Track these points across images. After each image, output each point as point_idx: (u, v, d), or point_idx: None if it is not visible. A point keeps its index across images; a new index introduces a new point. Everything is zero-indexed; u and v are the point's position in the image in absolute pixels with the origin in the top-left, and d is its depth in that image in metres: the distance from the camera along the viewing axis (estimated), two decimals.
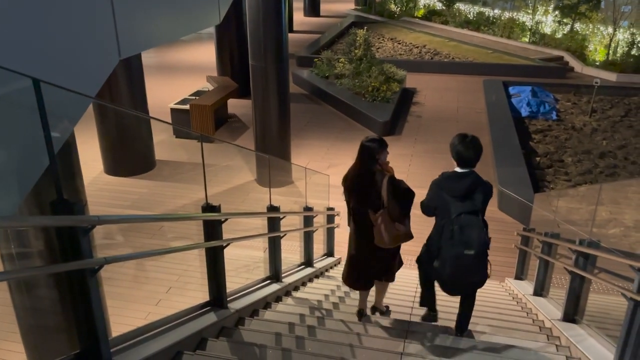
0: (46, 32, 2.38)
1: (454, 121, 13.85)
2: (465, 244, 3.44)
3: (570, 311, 4.43)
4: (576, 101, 15.52)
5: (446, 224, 3.51)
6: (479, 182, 3.55)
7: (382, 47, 22.48)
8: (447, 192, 3.54)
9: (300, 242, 6.55)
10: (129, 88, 9.71)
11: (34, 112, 2.08)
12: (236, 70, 14.98)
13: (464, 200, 3.49)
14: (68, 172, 3.59)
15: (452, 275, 3.59)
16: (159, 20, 3.60)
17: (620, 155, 11.39)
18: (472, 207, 3.48)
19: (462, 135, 3.55)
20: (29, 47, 2.29)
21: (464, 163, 3.54)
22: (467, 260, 3.46)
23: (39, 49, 2.35)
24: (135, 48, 3.31)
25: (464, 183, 3.51)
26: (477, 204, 3.50)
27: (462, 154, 3.51)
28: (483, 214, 3.56)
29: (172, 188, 9.74)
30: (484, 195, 3.54)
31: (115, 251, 2.52)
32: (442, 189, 3.58)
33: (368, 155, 3.81)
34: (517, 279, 6.87)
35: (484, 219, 3.55)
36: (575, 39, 20.95)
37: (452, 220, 3.46)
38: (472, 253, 3.45)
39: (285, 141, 9.94)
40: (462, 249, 3.44)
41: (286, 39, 9.14)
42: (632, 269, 3.11)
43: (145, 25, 3.37)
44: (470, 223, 3.45)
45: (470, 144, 3.49)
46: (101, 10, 2.83)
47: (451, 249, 3.48)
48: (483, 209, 3.56)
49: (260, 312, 4.37)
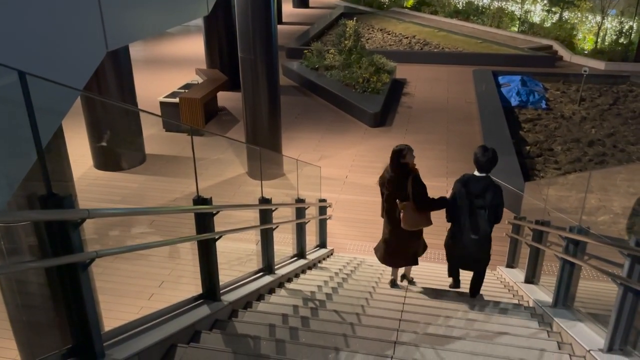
0: (30, 24, 2.35)
1: (444, 111, 13.88)
2: (472, 231, 4.63)
3: (560, 297, 4.47)
4: (565, 90, 15.60)
5: (462, 214, 4.67)
6: (492, 184, 4.61)
7: (372, 38, 22.42)
8: (467, 189, 4.63)
9: (293, 234, 6.56)
10: (117, 82, 9.62)
11: (20, 106, 2.05)
12: (225, 63, 14.88)
13: (478, 197, 4.58)
14: (57, 166, 3.56)
15: (465, 250, 4.82)
16: (147, 12, 3.56)
17: (609, 143, 11.48)
18: (482, 203, 4.59)
19: (484, 148, 4.59)
20: (13, 40, 2.25)
21: (482, 169, 4.62)
22: (473, 242, 4.68)
23: (23, 41, 2.32)
24: (122, 40, 3.27)
25: (480, 184, 4.59)
26: (487, 201, 4.57)
27: (481, 163, 4.58)
28: (493, 209, 4.60)
29: (163, 182, 9.69)
30: (493, 194, 4.57)
31: (106, 246, 2.50)
32: (464, 186, 4.66)
33: (397, 157, 4.76)
34: (509, 267, 6.92)
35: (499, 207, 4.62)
36: (564, 27, 21.01)
37: (468, 212, 4.61)
38: (477, 238, 4.65)
39: (276, 133, 9.91)
40: (469, 234, 4.65)
41: (275, 30, 9.08)
42: (621, 254, 3.14)
43: (132, 17, 3.33)
44: (481, 214, 4.59)
45: (490, 157, 4.54)
46: (87, 1, 2.79)
47: (463, 234, 4.70)
48: (493, 204, 4.58)
49: (253, 304, 4.38)
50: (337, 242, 8.04)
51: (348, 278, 5.99)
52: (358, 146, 11.59)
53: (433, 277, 6.41)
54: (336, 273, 6.20)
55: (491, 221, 4.65)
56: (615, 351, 3.25)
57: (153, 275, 6.64)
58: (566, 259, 4.32)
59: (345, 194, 9.44)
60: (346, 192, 9.49)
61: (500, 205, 4.65)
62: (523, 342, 3.76)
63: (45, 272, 2.79)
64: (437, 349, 3.43)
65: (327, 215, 7.83)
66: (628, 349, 3.21)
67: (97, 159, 9.91)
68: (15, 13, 2.23)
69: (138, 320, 3.05)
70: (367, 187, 9.60)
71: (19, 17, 2.25)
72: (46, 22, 2.45)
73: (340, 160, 10.84)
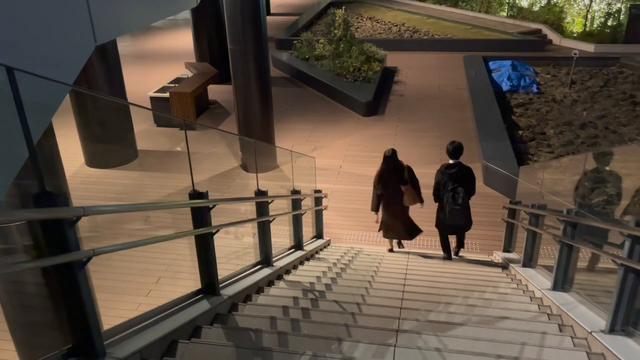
0: (17, 19, 2.28)
1: (436, 98, 13.86)
2: (454, 202, 6.00)
3: (559, 280, 4.48)
4: (556, 73, 15.60)
5: (444, 193, 6.10)
6: (462, 166, 6.07)
7: (361, 26, 22.30)
8: (444, 176, 6.09)
9: (290, 225, 6.53)
10: (106, 78, 9.49)
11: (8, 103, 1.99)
12: (215, 56, 14.75)
13: (454, 179, 6.03)
14: (49, 164, 3.50)
15: (449, 220, 6.19)
16: (135, 4, 3.49)
17: (601, 125, 11.51)
18: (459, 183, 6.03)
19: (452, 142, 6.08)
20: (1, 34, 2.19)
21: (452, 157, 6.06)
22: (457, 211, 6.03)
23: (10, 36, 2.25)
24: (111, 33, 3.20)
25: (453, 170, 6.03)
26: (461, 179, 6.03)
27: (450, 153, 6.06)
28: (468, 184, 6.06)
29: (156, 178, 9.62)
30: (465, 173, 6.06)
31: (101, 243, 2.46)
32: (443, 173, 6.10)
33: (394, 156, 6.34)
34: (505, 252, 6.94)
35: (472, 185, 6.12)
36: (553, 11, 21.03)
37: (448, 191, 6.05)
38: (459, 207, 6.00)
39: (268, 125, 9.85)
40: (453, 205, 6.01)
41: (265, 20, 8.99)
42: (622, 235, 3.14)
43: (120, 9, 3.26)
44: (457, 193, 6.01)
45: (456, 146, 6.04)
46: None
47: (448, 206, 6.06)
48: (466, 180, 6.05)
49: (253, 297, 4.35)
50: (333, 232, 8.02)
51: (346, 268, 5.98)
52: (351, 136, 11.56)
53: (429, 264, 6.42)
54: (334, 263, 6.19)
55: (469, 194, 6.09)
56: (617, 332, 3.25)
57: (150, 272, 6.60)
58: (564, 242, 4.33)
59: (339, 184, 9.42)
60: (341, 182, 9.47)
61: (472, 180, 6.11)
62: (524, 325, 3.76)
63: (42, 272, 2.75)
64: (440, 336, 3.42)
65: (322, 206, 7.80)
66: (630, 329, 3.21)
67: (88, 157, 9.81)
68: (1, 8, 2.17)
69: (138, 317, 3.02)
70: (361, 176, 9.58)
71: (5, 12, 2.19)
72: (33, 16, 2.38)
73: (333, 151, 10.80)
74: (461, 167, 6.00)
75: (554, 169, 8.12)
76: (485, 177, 9.22)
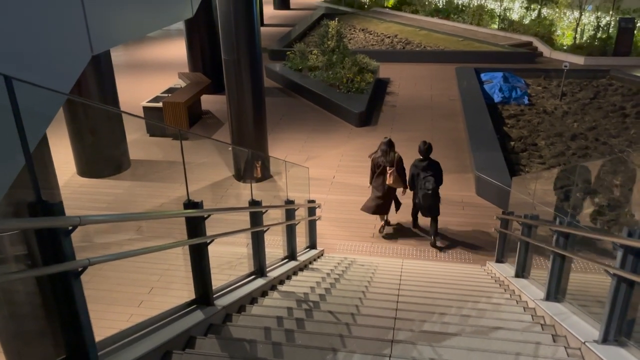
0: (15, 28, 2.28)
1: (428, 109, 13.95)
2: (426, 189, 7.39)
3: (552, 290, 4.51)
4: (546, 85, 15.78)
5: (419, 182, 7.53)
6: (431, 162, 7.52)
7: (354, 38, 22.46)
8: (418, 168, 7.54)
9: (283, 235, 6.52)
10: (99, 88, 9.48)
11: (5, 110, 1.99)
12: (208, 66, 14.77)
13: (426, 170, 7.46)
14: (42, 173, 3.48)
15: (423, 203, 7.60)
16: (131, 14, 3.50)
17: (591, 136, 11.64)
18: (430, 173, 7.44)
19: (424, 142, 7.50)
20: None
21: (422, 155, 7.51)
22: (428, 195, 7.43)
23: (8, 45, 2.26)
24: (107, 43, 3.21)
25: (424, 163, 7.50)
26: (432, 172, 7.44)
27: (422, 151, 7.48)
28: (436, 174, 7.46)
29: (148, 187, 9.58)
30: (434, 166, 7.51)
31: (95, 253, 2.45)
32: (416, 166, 7.58)
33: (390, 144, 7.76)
34: (498, 262, 6.97)
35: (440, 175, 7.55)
36: (543, 24, 21.28)
37: (421, 179, 7.47)
38: (430, 192, 7.38)
39: (261, 135, 9.85)
40: (425, 190, 7.40)
41: (258, 31, 9.04)
42: (614, 245, 3.17)
43: (116, 20, 3.27)
44: (428, 179, 7.40)
45: (427, 147, 7.46)
46: (71, 5, 2.74)
47: (421, 191, 7.50)
48: (435, 171, 7.46)
49: (247, 307, 4.33)
50: (326, 242, 8.02)
51: (340, 278, 5.98)
52: (344, 146, 11.59)
53: (423, 274, 6.43)
54: (328, 274, 6.18)
55: (437, 183, 7.46)
56: (610, 342, 3.27)
57: (142, 282, 6.55)
58: (557, 252, 4.36)
59: (333, 194, 9.43)
60: (334, 193, 9.48)
61: (439, 171, 7.53)
62: (518, 336, 3.78)
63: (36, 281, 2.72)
64: (434, 346, 3.42)
65: (316, 216, 7.80)
66: (622, 339, 3.23)
67: (80, 166, 9.76)
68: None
69: (132, 327, 3.00)
70: (354, 186, 9.60)
71: (2, 21, 2.19)
72: (30, 26, 2.39)
73: (326, 161, 10.83)
74: (430, 161, 7.51)
75: (546, 179, 8.20)
76: (477, 188, 9.28)
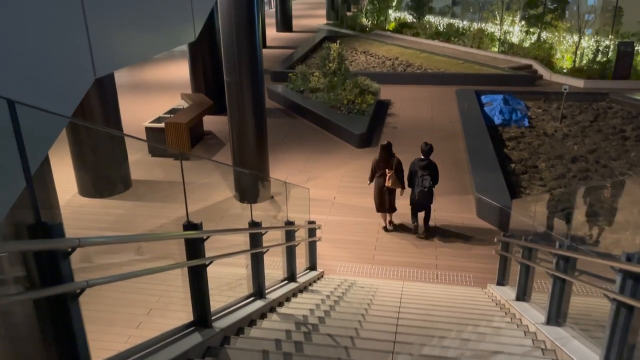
0: (19, 52, 2.33)
1: (429, 130, 14.01)
2: (422, 186, 8.15)
3: (553, 314, 4.48)
4: (546, 108, 15.88)
5: (416, 179, 8.27)
6: (430, 162, 8.26)
7: (355, 60, 22.69)
8: (417, 166, 8.31)
9: (283, 256, 6.50)
10: (102, 107, 9.57)
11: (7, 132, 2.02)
12: (210, 87, 14.91)
13: (424, 169, 8.19)
14: (43, 193, 3.50)
15: (418, 199, 8.37)
16: (134, 38, 3.56)
17: (592, 159, 11.66)
18: (427, 172, 8.18)
19: (425, 144, 8.32)
20: (2, 67, 2.23)
21: (424, 155, 8.28)
22: (424, 192, 8.20)
23: (12, 68, 2.29)
24: (110, 67, 3.25)
25: (424, 163, 8.25)
26: (430, 171, 8.20)
27: (424, 151, 8.27)
28: (432, 174, 8.23)
29: (149, 208, 9.59)
30: (432, 166, 8.28)
31: (93, 274, 2.45)
32: (415, 164, 8.36)
33: (389, 147, 8.61)
34: (499, 285, 6.93)
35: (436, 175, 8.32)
36: (543, 47, 21.49)
37: (419, 177, 8.22)
38: (426, 190, 8.17)
39: (263, 156, 9.90)
40: (421, 188, 8.18)
41: (260, 53, 9.15)
42: (613, 270, 3.16)
43: (120, 43, 3.32)
44: (425, 178, 8.14)
45: (428, 148, 8.28)
46: (75, 28, 2.79)
47: (417, 188, 8.24)
48: (432, 171, 8.24)
49: (245, 329, 4.31)
50: (326, 264, 7.99)
51: (340, 300, 5.94)
52: (345, 167, 11.63)
53: (423, 297, 6.39)
54: (327, 296, 6.15)
55: (433, 181, 8.21)
56: None
57: (140, 303, 6.51)
58: (557, 276, 4.34)
59: (333, 215, 9.42)
60: (334, 214, 9.48)
61: (436, 171, 8.29)
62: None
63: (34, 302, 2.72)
64: None
65: (316, 237, 7.79)
66: None
67: (81, 186, 9.79)
68: (4, 41, 2.21)
69: (129, 350, 2.98)
70: (355, 207, 9.60)
71: (7, 45, 2.23)
72: (34, 50, 2.43)
73: (327, 182, 10.85)
74: (429, 161, 8.24)
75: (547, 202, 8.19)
76: (478, 210, 9.27)
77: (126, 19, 3.36)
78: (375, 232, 8.81)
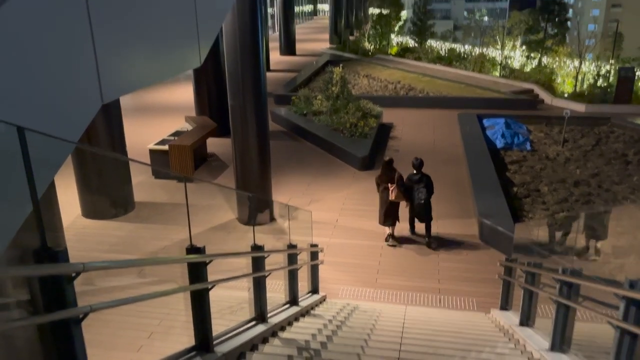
0: (27, 78, 2.38)
1: (431, 154, 14.05)
2: (419, 198, 8.75)
3: (557, 340, 4.44)
4: (548, 132, 15.95)
5: (413, 192, 8.84)
6: (424, 175, 8.89)
7: (358, 84, 22.92)
8: (412, 181, 8.90)
9: (285, 280, 6.48)
10: (107, 130, 9.65)
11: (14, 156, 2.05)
12: (214, 110, 15.05)
13: (419, 182, 8.83)
14: (48, 215, 3.52)
15: (418, 210, 8.95)
16: (141, 64, 3.62)
17: (594, 183, 11.67)
18: (423, 185, 8.81)
19: (415, 158, 8.99)
20: (11, 94, 2.27)
21: (415, 169, 8.93)
22: (421, 204, 8.79)
23: (21, 95, 2.34)
24: (117, 92, 3.31)
25: (417, 177, 8.89)
26: (424, 184, 8.80)
27: (415, 165, 8.91)
28: (428, 186, 8.83)
29: (152, 230, 9.59)
30: (426, 179, 8.88)
31: (96, 297, 2.46)
32: (410, 180, 8.92)
33: (390, 163, 9.05)
34: (502, 310, 6.87)
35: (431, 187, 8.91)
36: (544, 72, 21.69)
37: (415, 190, 8.81)
38: (422, 202, 8.76)
39: (265, 178, 9.94)
40: (418, 201, 8.77)
41: (264, 76, 9.26)
42: (616, 297, 3.15)
43: (127, 70, 3.38)
44: (421, 191, 8.76)
45: (419, 163, 8.92)
46: (83, 55, 2.84)
47: (415, 200, 8.85)
48: (427, 183, 8.83)
49: (247, 354, 4.27)
50: (329, 287, 7.95)
51: (342, 325, 5.90)
52: (347, 189, 11.65)
53: (426, 322, 6.34)
54: (330, 320, 6.10)
55: (429, 193, 8.81)
56: None
57: (142, 326, 6.47)
58: (561, 301, 4.32)
59: (336, 238, 9.41)
60: (337, 236, 9.46)
61: (430, 184, 8.88)
62: None
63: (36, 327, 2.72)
64: None
65: (318, 260, 7.77)
66: None
67: (85, 207, 9.82)
68: (13, 68, 2.26)
69: None
70: (357, 230, 9.59)
71: (15, 71, 2.28)
72: (43, 77, 2.48)
73: (330, 204, 10.86)
74: (422, 174, 8.92)
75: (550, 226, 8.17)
76: (481, 233, 9.25)
77: (134, 45, 3.43)
78: (378, 256, 8.79)
